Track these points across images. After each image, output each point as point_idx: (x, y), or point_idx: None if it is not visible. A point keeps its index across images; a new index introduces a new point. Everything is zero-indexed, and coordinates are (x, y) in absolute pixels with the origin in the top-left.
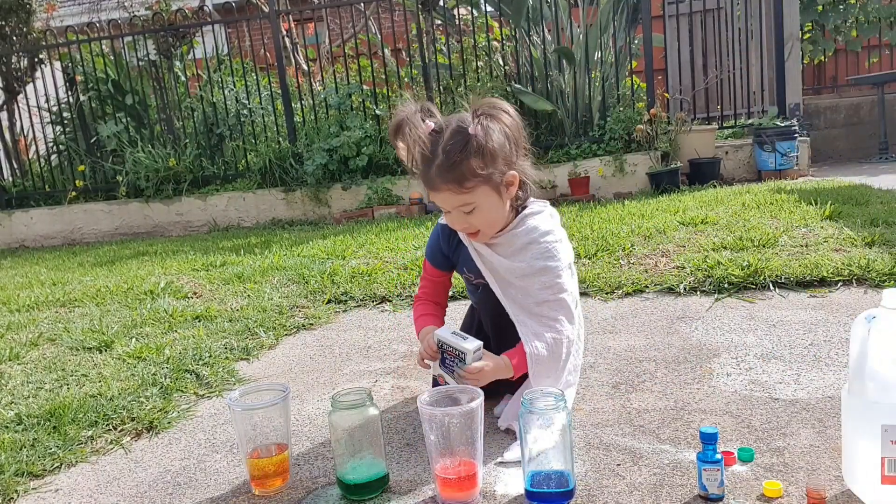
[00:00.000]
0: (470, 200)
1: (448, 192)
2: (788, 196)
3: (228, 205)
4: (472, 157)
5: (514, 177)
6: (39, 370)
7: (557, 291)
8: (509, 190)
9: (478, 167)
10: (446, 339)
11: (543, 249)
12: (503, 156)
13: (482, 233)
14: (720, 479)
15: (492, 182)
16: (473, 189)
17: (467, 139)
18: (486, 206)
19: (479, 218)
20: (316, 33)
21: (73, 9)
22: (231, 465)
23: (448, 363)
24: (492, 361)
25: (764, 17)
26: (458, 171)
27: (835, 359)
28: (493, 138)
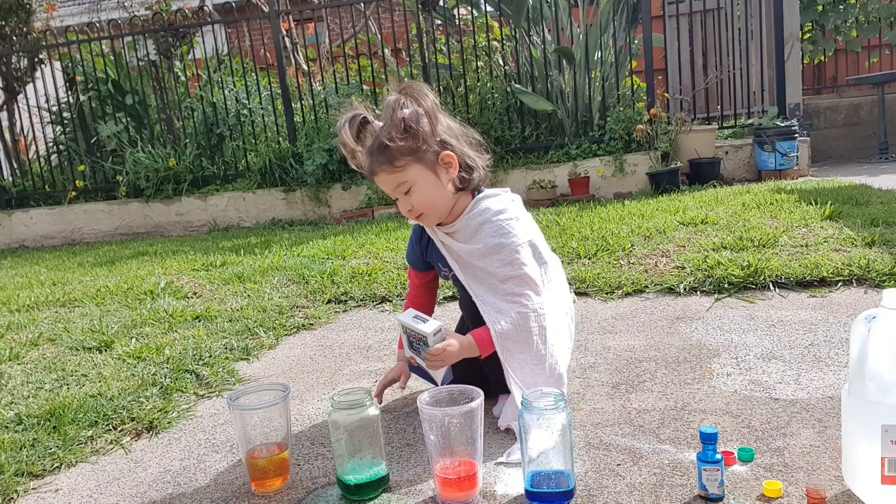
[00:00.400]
0: (403, 179)
1: (383, 173)
2: (788, 196)
3: (228, 205)
4: (402, 138)
5: (450, 156)
6: (39, 370)
7: (518, 266)
8: (448, 171)
9: (408, 146)
10: (407, 323)
11: (497, 227)
12: (434, 135)
13: (426, 215)
14: (720, 479)
15: (424, 160)
16: (405, 167)
17: (395, 121)
18: (421, 184)
19: (418, 198)
20: (316, 33)
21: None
22: (231, 465)
23: (415, 346)
24: (455, 341)
25: (764, 17)
26: (389, 151)
27: (835, 359)
28: (420, 118)
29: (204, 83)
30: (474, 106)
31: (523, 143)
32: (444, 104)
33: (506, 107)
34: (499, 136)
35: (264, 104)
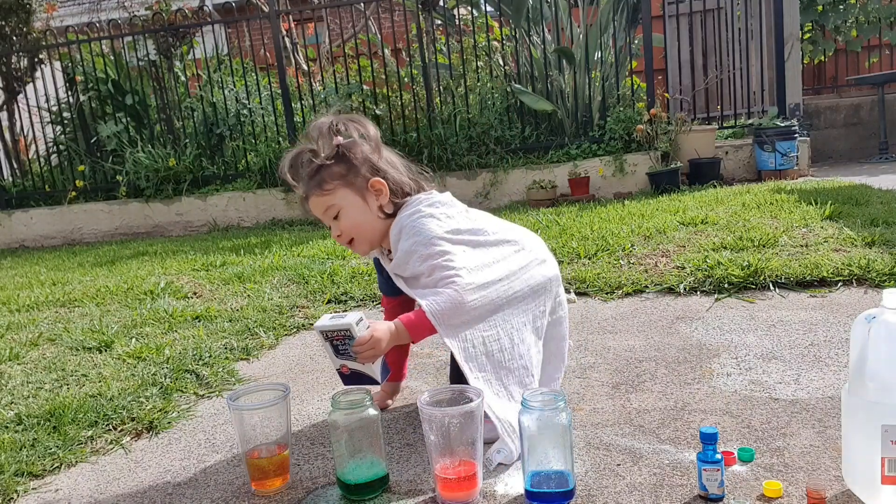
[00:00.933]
0: (331, 202)
1: (314, 197)
2: (788, 196)
3: (228, 205)
4: (333, 164)
5: (380, 183)
6: (39, 370)
7: (437, 256)
8: (378, 198)
9: (338, 171)
10: (326, 325)
11: (409, 230)
12: (363, 163)
13: (356, 241)
14: (720, 479)
15: (353, 185)
16: (333, 191)
17: (329, 149)
18: (349, 209)
19: (345, 222)
20: (316, 33)
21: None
22: (231, 465)
23: (342, 349)
24: (382, 326)
25: (764, 17)
26: (320, 176)
27: (835, 359)
28: (352, 148)
29: (204, 83)
30: (474, 106)
31: (523, 143)
32: (444, 104)
33: (506, 107)
34: (499, 136)
35: (264, 104)
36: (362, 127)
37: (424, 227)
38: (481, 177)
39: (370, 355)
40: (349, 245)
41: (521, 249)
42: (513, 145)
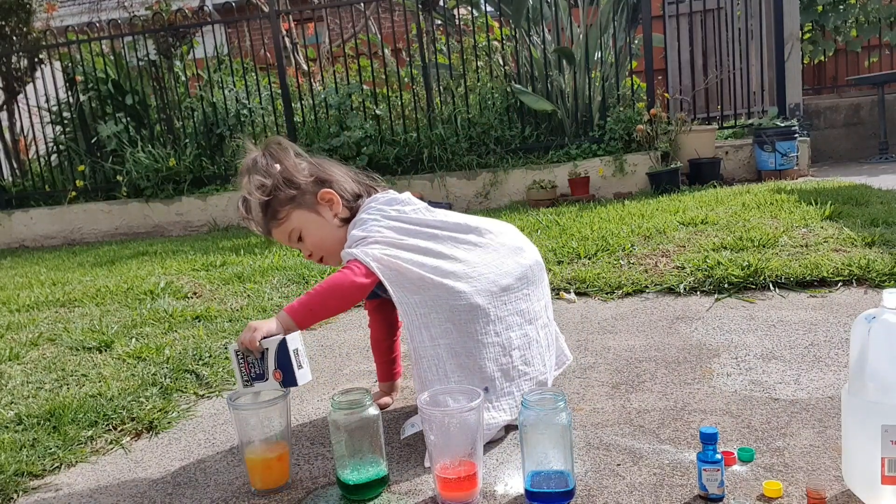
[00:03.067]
0: (289, 228)
1: (274, 229)
2: (788, 196)
3: (228, 205)
4: (277, 192)
5: (328, 193)
6: (39, 370)
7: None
8: (332, 207)
9: (285, 197)
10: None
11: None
12: (307, 179)
13: (326, 256)
14: (720, 479)
15: (304, 204)
16: (288, 216)
17: (269, 181)
18: (308, 226)
19: (310, 240)
20: (316, 33)
21: (73, 9)
22: (231, 465)
23: (258, 369)
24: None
25: (764, 17)
26: (271, 208)
27: (835, 359)
28: (289, 171)
29: (204, 83)
30: (474, 106)
31: (523, 143)
32: (444, 104)
33: (506, 107)
34: (499, 136)
35: (264, 104)
36: (291, 147)
37: (370, 217)
38: (481, 177)
39: (249, 334)
40: (320, 262)
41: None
42: (513, 145)
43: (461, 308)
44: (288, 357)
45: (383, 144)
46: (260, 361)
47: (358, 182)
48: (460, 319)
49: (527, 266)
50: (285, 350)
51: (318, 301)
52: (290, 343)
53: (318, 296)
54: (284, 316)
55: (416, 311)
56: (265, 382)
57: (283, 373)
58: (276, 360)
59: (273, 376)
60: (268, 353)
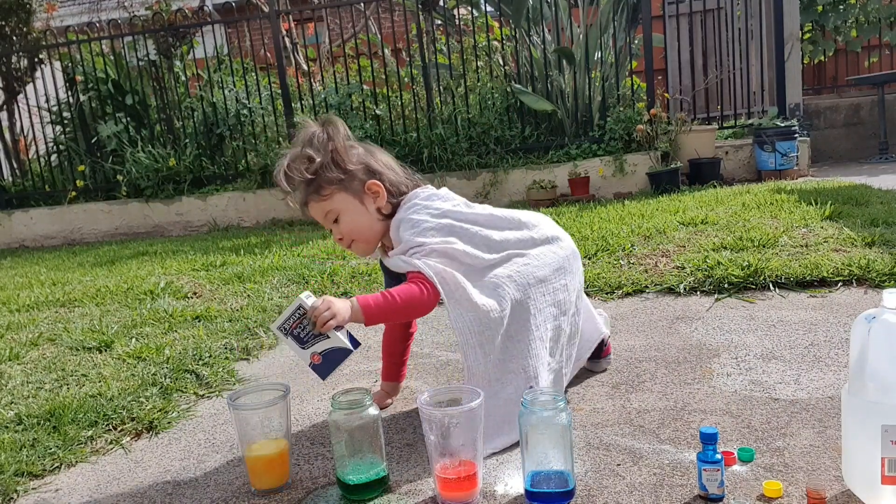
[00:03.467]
0: (329, 207)
1: (313, 203)
2: (788, 196)
3: (228, 205)
4: (327, 170)
5: (376, 185)
6: (39, 370)
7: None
8: (376, 200)
9: (334, 177)
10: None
11: (406, 222)
12: (360, 166)
13: (356, 243)
14: (720, 479)
15: (350, 189)
16: (331, 196)
17: (323, 155)
18: (347, 212)
19: (345, 226)
20: (316, 33)
21: (73, 9)
22: (231, 465)
23: (304, 335)
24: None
25: (764, 17)
26: (317, 182)
27: (835, 359)
28: (346, 152)
29: (204, 83)
30: (474, 106)
31: (523, 143)
32: (444, 104)
33: (506, 107)
34: (499, 136)
35: (264, 104)
36: (345, 131)
37: (419, 218)
38: (481, 177)
39: (328, 317)
40: (350, 247)
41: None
42: (513, 145)
43: (509, 316)
44: (340, 360)
45: (383, 144)
46: (313, 336)
47: (407, 178)
48: (509, 327)
49: (563, 257)
50: (346, 354)
51: (393, 310)
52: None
53: (394, 305)
54: (358, 311)
55: (472, 329)
56: (300, 349)
57: (323, 367)
58: (329, 354)
59: (311, 358)
60: (326, 341)
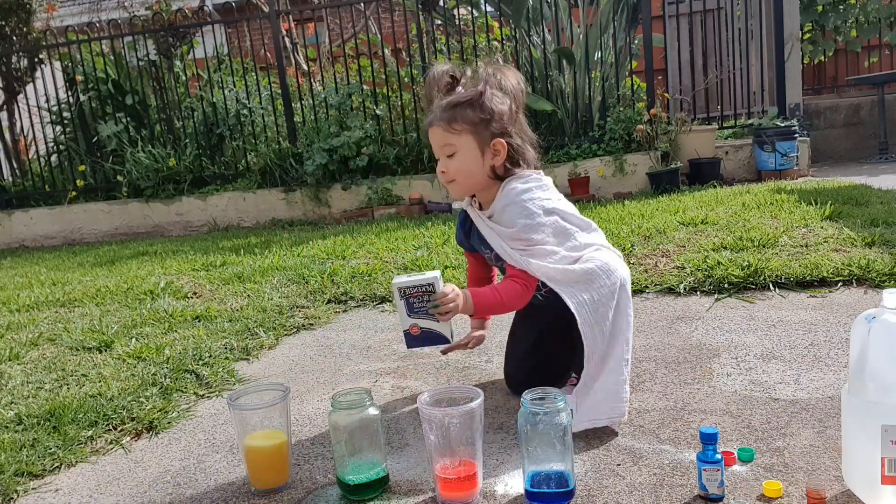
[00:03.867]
0: (452, 142)
1: (438, 127)
2: (788, 196)
3: (228, 205)
4: (469, 108)
5: (501, 144)
6: (39, 370)
7: (531, 244)
8: (495, 157)
9: (471, 117)
10: (405, 282)
11: (520, 209)
12: (498, 121)
13: (456, 183)
14: (720, 479)
15: (478, 135)
16: (459, 133)
17: (472, 94)
18: (465, 154)
19: (456, 164)
20: (316, 33)
21: (73, 9)
22: (231, 465)
23: (417, 307)
24: (456, 288)
25: (764, 17)
26: (453, 113)
27: (835, 359)
28: (496, 101)
29: (204, 83)
30: None
31: None
32: None
33: None
34: None
35: (264, 104)
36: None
37: (533, 209)
38: None
39: (450, 308)
40: (448, 183)
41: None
42: None
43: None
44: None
45: (383, 144)
46: (425, 312)
47: (533, 153)
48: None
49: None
50: (443, 342)
51: (497, 306)
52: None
53: (500, 302)
54: (470, 306)
55: (587, 309)
56: (406, 314)
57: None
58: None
59: (411, 328)
60: (434, 323)
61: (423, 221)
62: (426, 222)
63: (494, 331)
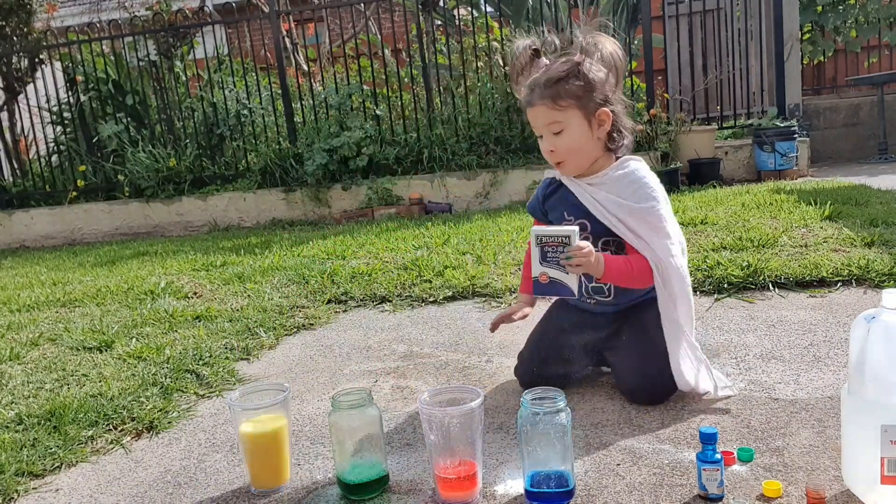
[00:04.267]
0: (559, 119)
1: (542, 106)
2: (788, 196)
3: (229, 205)
4: (572, 81)
5: (606, 114)
6: (40, 370)
7: (659, 230)
8: (601, 127)
9: (575, 90)
10: (544, 230)
11: (645, 192)
12: (600, 90)
13: (566, 162)
14: (720, 479)
15: (584, 109)
16: (565, 109)
17: (571, 65)
18: (573, 130)
19: (564, 141)
20: (316, 33)
21: (74, 9)
22: (231, 464)
23: (550, 256)
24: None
25: (764, 17)
26: (556, 89)
27: (834, 359)
28: (595, 71)
29: (204, 83)
30: (474, 106)
31: (523, 144)
32: (444, 104)
33: (506, 107)
34: (499, 137)
35: (264, 104)
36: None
37: (658, 197)
38: (481, 177)
39: (581, 262)
40: (558, 163)
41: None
42: (513, 145)
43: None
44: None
45: (383, 144)
46: (556, 262)
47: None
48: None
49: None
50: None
51: (628, 275)
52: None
53: (632, 272)
54: (601, 265)
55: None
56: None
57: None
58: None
59: (540, 276)
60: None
61: (423, 221)
62: (426, 222)
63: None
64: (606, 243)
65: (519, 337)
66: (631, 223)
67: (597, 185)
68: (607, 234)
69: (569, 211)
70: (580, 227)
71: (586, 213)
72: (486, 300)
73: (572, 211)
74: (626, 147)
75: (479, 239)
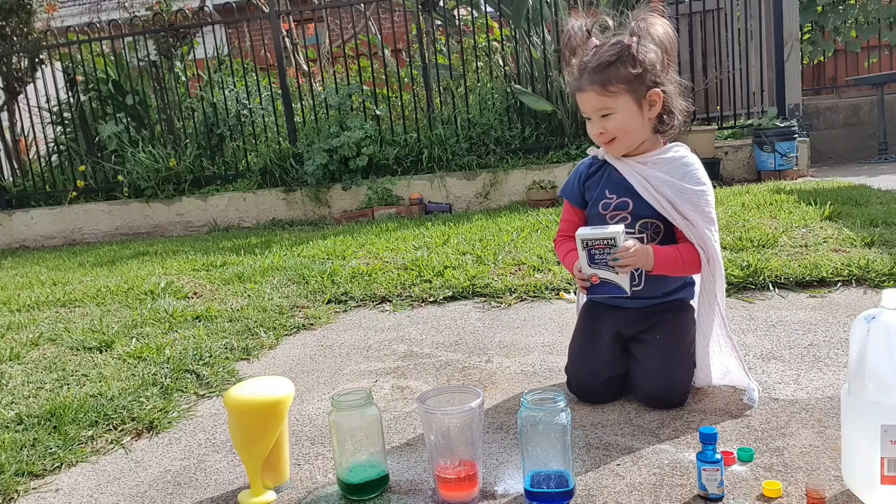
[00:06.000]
0: (610, 105)
1: (592, 92)
2: (788, 196)
3: (229, 205)
4: (622, 65)
5: (657, 95)
6: (40, 370)
7: (705, 214)
8: (652, 109)
9: (625, 74)
10: (589, 234)
11: (694, 177)
12: (651, 72)
13: (617, 141)
14: (720, 479)
15: (635, 93)
16: (616, 95)
17: (621, 48)
18: (623, 114)
19: (615, 125)
20: (316, 34)
21: (74, 9)
22: (231, 465)
23: (598, 258)
24: (638, 243)
25: (764, 17)
26: (606, 74)
27: (834, 359)
28: (645, 53)
29: (204, 83)
30: (474, 106)
31: (523, 144)
32: (444, 104)
33: (506, 107)
34: (499, 137)
35: (264, 104)
36: (660, 34)
37: (707, 185)
38: (481, 177)
39: (629, 262)
40: (608, 144)
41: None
42: (513, 145)
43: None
44: (611, 294)
45: (383, 144)
46: (605, 263)
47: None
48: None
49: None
50: (620, 293)
51: (680, 264)
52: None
53: (682, 261)
54: (651, 259)
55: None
56: (587, 265)
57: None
58: (608, 284)
59: (591, 278)
60: (613, 275)
61: (423, 221)
62: (426, 222)
63: (494, 331)
64: (645, 226)
65: (519, 337)
66: (678, 203)
67: (647, 164)
68: (650, 214)
69: (610, 189)
70: (621, 205)
71: (630, 191)
72: (486, 300)
73: (614, 189)
74: (675, 128)
75: (478, 239)
